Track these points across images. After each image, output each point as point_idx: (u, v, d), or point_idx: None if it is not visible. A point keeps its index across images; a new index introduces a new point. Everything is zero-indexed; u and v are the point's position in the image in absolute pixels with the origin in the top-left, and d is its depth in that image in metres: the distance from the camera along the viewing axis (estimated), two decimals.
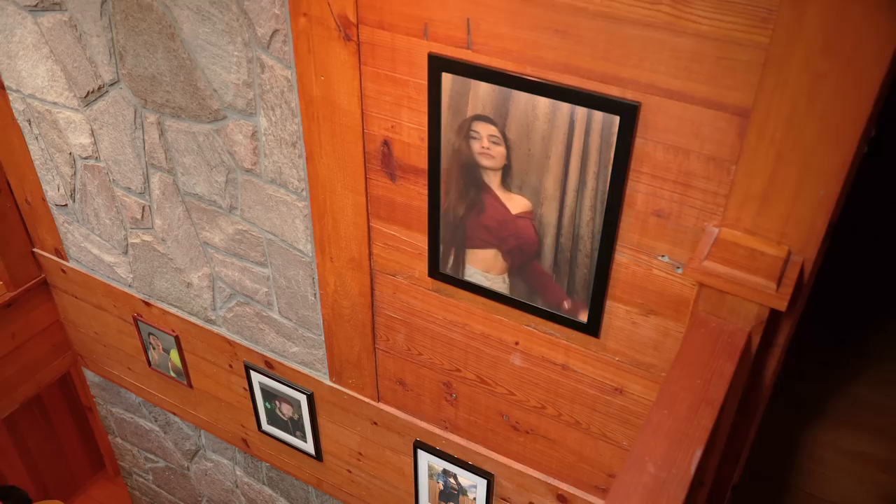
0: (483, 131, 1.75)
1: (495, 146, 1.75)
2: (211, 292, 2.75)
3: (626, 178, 1.63)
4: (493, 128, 1.73)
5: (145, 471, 4.10)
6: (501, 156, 1.76)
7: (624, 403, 2.00)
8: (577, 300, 1.87)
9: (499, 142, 1.74)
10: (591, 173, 1.67)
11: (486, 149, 1.77)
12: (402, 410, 2.53)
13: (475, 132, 1.76)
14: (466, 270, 2.01)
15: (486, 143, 1.76)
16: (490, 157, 1.78)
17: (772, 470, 2.13)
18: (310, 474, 3.08)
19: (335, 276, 2.31)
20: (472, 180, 1.84)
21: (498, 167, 1.78)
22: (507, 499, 2.48)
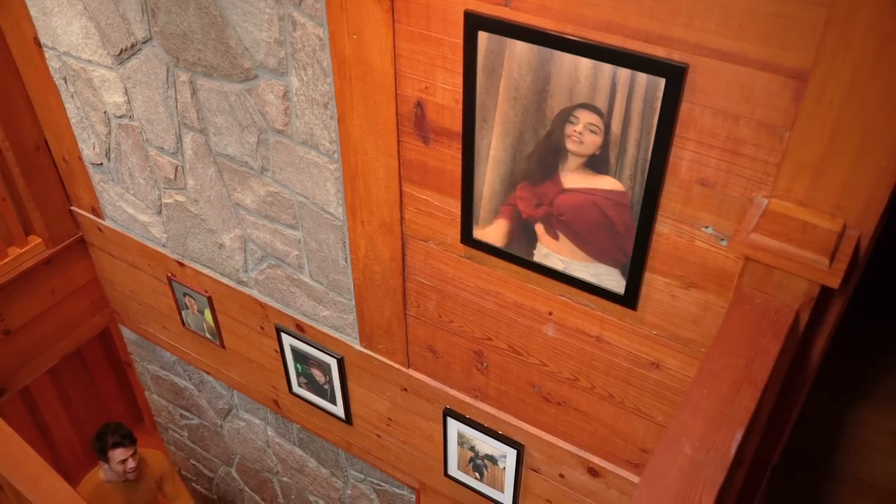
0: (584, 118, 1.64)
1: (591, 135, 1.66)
2: (243, 254, 2.74)
3: (669, 144, 1.55)
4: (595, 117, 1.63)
5: (181, 427, 4.17)
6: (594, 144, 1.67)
7: (660, 378, 1.94)
8: (614, 271, 1.80)
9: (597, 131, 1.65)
10: (633, 140, 1.59)
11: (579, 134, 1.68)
12: (432, 377, 2.51)
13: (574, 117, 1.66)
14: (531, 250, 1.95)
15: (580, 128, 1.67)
16: (580, 143, 1.68)
17: (814, 451, 2.05)
18: (339, 437, 3.09)
19: (366, 241, 2.27)
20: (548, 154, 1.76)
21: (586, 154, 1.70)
22: (537, 469, 2.45)
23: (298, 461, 3.58)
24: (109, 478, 3.57)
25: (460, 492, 2.78)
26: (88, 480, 3.65)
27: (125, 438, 3.49)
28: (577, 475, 2.35)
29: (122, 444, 3.47)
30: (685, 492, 1.14)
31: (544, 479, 2.46)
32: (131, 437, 3.54)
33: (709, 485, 1.15)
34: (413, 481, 2.96)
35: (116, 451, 3.47)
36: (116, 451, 3.47)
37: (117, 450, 3.47)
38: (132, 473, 3.56)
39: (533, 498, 2.55)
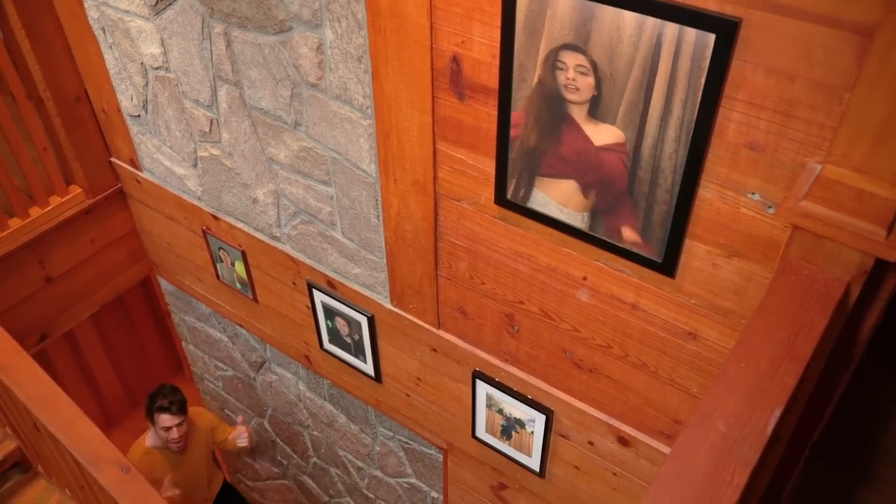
0: (570, 61, 1.59)
1: (583, 77, 1.60)
2: (276, 209, 2.72)
3: (717, 105, 1.46)
4: (581, 57, 1.57)
5: (215, 378, 4.23)
6: (589, 87, 1.60)
7: (696, 349, 1.87)
8: (654, 237, 1.73)
9: (587, 72, 1.58)
10: (678, 100, 1.50)
11: (572, 80, 1.62)
12: (463, 339, 2.47)
13: (561, 62, 1.61)
14: (536, 199, 1.89)
15: (572, 73, 1.61)
16: (576, 89, 1.62)
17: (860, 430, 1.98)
18: (369, 394, 3.09)
19: (398, 199, 2.23)
20: (552, 109, 1.69)
21: (584, 100, 1.63)
22: (565, 436, 2.42)
23: (329, 416, 3.61)
24: (156, 444, 3.47)
25: (488, 454, 2.77)
26: (136, 448, 3.55)
27: (173, 405, 3.34)
28: (607, 443, 2.31)
29: (168, 411, 3.33)
30: (716, 470, 1.09)
31: (573, 445, 2.43)
32: (181, 406, 3.38)
33: (742, 464, 1.09)
34: (441, 441, 2.96)
35: (162, 417, 3.35)
36: (162, 416, 3.35)
37: (163, 415, 3.35)
38: (176, 444, 3.43)
39: (561, 464, 2.53)
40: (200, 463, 3.71)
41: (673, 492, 1.09)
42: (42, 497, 2.85)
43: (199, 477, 3.74)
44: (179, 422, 3.38)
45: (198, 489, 3.77)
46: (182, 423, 3.41)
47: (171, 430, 3.36)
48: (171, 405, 3.34)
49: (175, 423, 3.36)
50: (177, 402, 3.35)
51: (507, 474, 2.80)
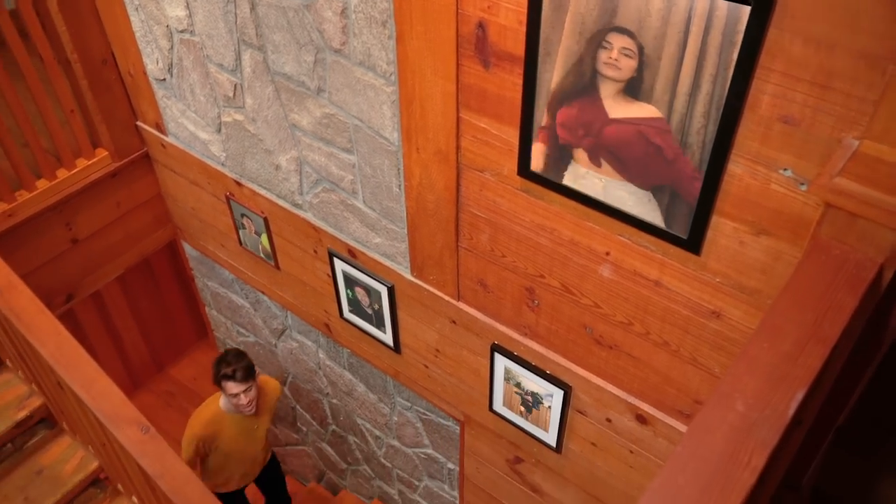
0: (617, 43, 1.54)
1: (626, 59, 1.55)
2: (298, 176, 2.70)
3: (751, 77, 1.40)
4: (629, 40, 1.52)
5: (238, 343, 4.27)
6: (630, 68, 1.56)
7: (720, 328, 1.83)
8: (679, 213, 1.68)
9: (632, 55, 1.53)
10: (708, 75, 1.45)
11: (614, 60, 1.57)
12: (482, 312, 2.45)
13: (608, 42, 1.56)
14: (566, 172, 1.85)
15: (616, 54, 1.56)
16: (617, 69, 1.57)
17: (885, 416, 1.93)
18: (388, 365, 3.09)
19: (421, 168, 2.20)
20: (584, 84, 1.64)
21: (623, 79, 1.58)
22: (583, 412, 2.40)
23: (348, 385, 3.63)
24: (227, 407, 3.37)
25: (504, 427, 2.76)
26: (208, 405, 3.46)
27: (237, 372, 3.22)
28: (625, 421, 2.28)
29: (232, 378, 3.22)
30: (733, 450, 1.06)
31: (590, 422, 2.40)
32: (247, 372, 3.25)
33: (760, 446, 1.06)
34: (458, 413, 2.96)
35: (228, 385, 3.25)
36: (228, 384, 3.24)
37: (228, 383, 3.24)
38: (247, 409, 3.32)
39: (578, 440, 2.51)
40: (264, 432, 3.65)
41: (687, 471, 1.06)
42: (67, 453, 2.89)
43: (262, 443, 3.68)
44: (246, 388, 3.27)
45: (257, 456, 3.72)
46: (249, 388, 3.28)
47: (238, 396, 3.26)
48: (236, 372, 3.22)
49: (241, 390, 3.26)
50: (241, 368, 3.23)
51: (523, 448, 2.79)
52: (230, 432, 3.43)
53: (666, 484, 1.06)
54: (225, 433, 3.42)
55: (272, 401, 3.60)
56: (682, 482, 1.05)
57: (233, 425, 3.43)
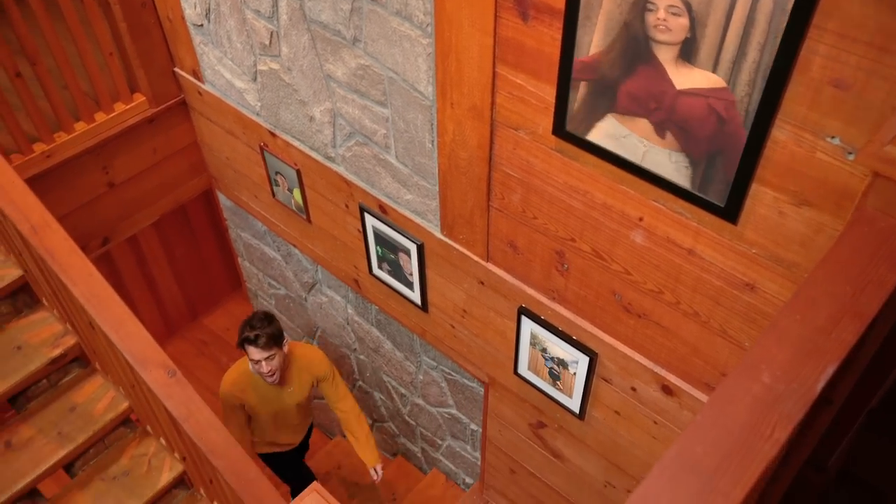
0: (661, 2, 1.47)
1: (675, 18, 1.47)
2: (332, 129, 2.68)
3: (804, 35, 1.33)
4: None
5: (269, 295, 4.31)
6: (682, 28, 1.48)
7: (753, 301, 1.78)
8: (718, 179, 1.62)
9: (680, 13, 1.46)
10: (755, 43, 1.37)
11: (662, 21, 1.49)
12: (511, 274, 2.42)
13: (652, 4, 1.48)
14: (597, 133, 1.79)
15: (663, 14, 1.48)
16: (667, 29, 1.50)
17: None
18: (415, 323, 3.09)
19: (454, 124, 2.16)
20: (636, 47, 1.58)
21: (676, 41, 1.51)
22: (608, 380, 2.37)
23: (375, 341, 3.64)
24: (253, 370, 3.23)
25: (528, 391, 2.75)
26: (236, 367, 3.34)
27: (260, 338, 3.03)
28: (650, 391, 2.25)
29: (254, 343, 3.03)
30: (756, 422, 1.02)
31: (615, 390, 2.37)
32: (271, 339, 3.05)
33: (784, 419, 1.02)
34: (483, 375, 2.95)
35: (249, 349, 3.08)
36: (249, 348, 3.08)
37: (250, 347, 3.07)
38: (268, 377, 3.16)
39: (601, 407, 2.49)
40: (294, 404, 3.43)
41: (706, 441, 1.02)
42: (98, 392, 2.96)
43: (289, 417, 3.50)
44: (268, 356, 3.08)
45: (283, 429, 3.56)
46: (271, 357, 3.09)
47: (259, 363, 3.10)
48: (258, 338, 3.03)
49: (262, 357, 3.07)
50: (265, 334, 3.02)
51: (546, 413, 2.78)
52: (254, 396, 3.33)
53: (683, 452, 1.03)
54: (250, 396, 3.33)
55: (309, 375, 3.37)
56: (700, 451, 1.02)
57: (257, 389, 3.32)
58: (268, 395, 3.34)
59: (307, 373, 3.38)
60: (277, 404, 3.39)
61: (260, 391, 3.32)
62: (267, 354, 3.08)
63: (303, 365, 3.36)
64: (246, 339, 3.06)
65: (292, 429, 3.63)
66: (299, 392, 3.40)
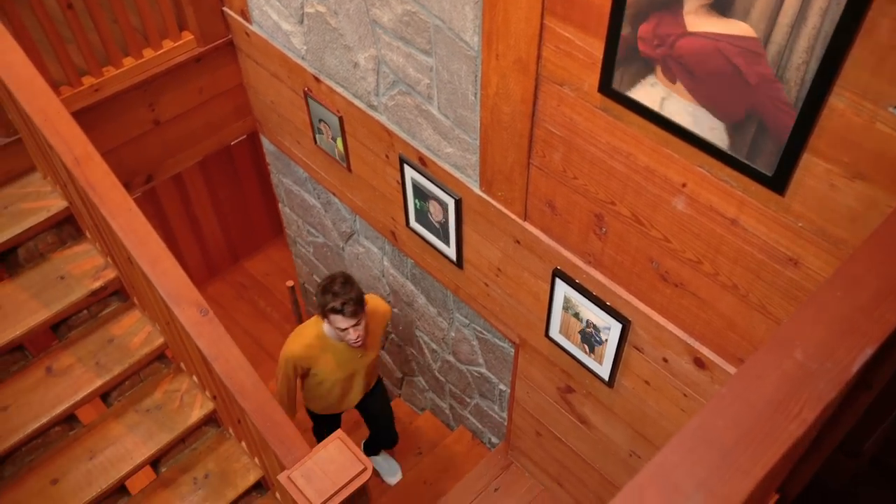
0: None
1: None
2: (375, 76, 2.64)
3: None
4: None
5: (307, 243, 4.34)
6: None
7: (795, 277, 1.71)
8: (766, 147, 1.54)
9: None
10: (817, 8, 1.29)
11: None
12: (547, 234, 2.38)
13: None
14: (640, 91, 1.72)
15: None
16: None
17: None
18: (449, 279, 3.07)
19: (498, 77, 2.10)
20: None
21: None
22: (640, 348, 2.32)
23: (409, 295, 3.64)
24: (332, 334, 3.03)
25: (558, 355, 2.72)
26: (310, 326, 3.12)
27: (346, 306, 2.81)
28: (682, 363, 2.20)
29: (341, 313, 2.83)
30: (783, 399, 0.98)
31: (646, 360, 2.33)
32: (357, 304, 2.84)
33: (814, 398, 0.97)
34: (514, 336, 2.93)
35: (336, 319, 2.88)
36: (336, 318, 2.87)
37: (336, 317, 2.87)
38: (355, 343, 2.96)
39: (631, 376, 2.45)
40: (370, 360, 3.27)
41: (728, 414, 0.98)
42: (136, 327, 3.03)
43: (361, 378, 3.34)
44: (355, 322, 2.87)
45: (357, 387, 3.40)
46: (359, 322, 2.89)
47: (346, 331, 2.90)
48: (345, 306, 2.81)
49: (351, 325, 2.87)
50: (351, 300, 2.82)
51: (575, 378, 2.75)
52: (329, 361, 3.12)
53: (703, 424, 0.99)
54: (323, 361, 3.12)
55: (381, 327, 3.24)
56: (721, 424, 0.98)
57: (334, 354, 3.11)
58: (347, 358, 3.15)
59: (378, 325, 3.21)
60: (353, 366, 3.21)
61: (339, 355, 3.12)
62: (354, 322, 2.87)
63: (375, 318, 3.16)
64: (332, 310, 2.84)
65: (360, 390, 3.43)
66: (374, 346, 3.24)
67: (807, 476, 1.67)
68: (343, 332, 2.91)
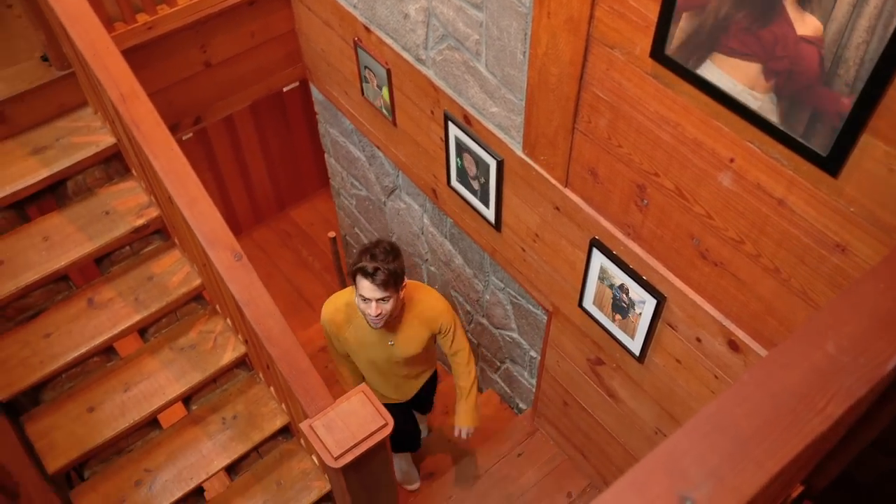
0: None
1: None
2: (425, 29, 2.58)
3: None
4: None
5: (350, 195, 4.34)
6: None
7: (841, 264, 1.62)
8: (822, 125, 1.45)
9: None
10: None
11: None
12: (588, 202, 2.31)
13: None
14: (700, 64, 1.63)
15: None
16: None
17: None
18: (487, 241, 3.04)
19: (549, 36, 2.02)
20: None
21: None
22: (673, 326, 2.26)
23: (447, 255, 3.62)
24: (360, 306, 2.64)
25: (590, 326, 2.67)
26: (342, 294, 2.85)
27: (378, 273, 2.46)
28: (716, 344, 2.13)
29: (370, 277, 2.48)
30: (809, 392, 0.93)
31: (679, 338, 2.27)
32: (392, 278, 2.49)
33: (842, 394, 0.92)
34: (547, 303, 2.89)
35: (361, 282, 2.52)
36: (362, 281, 2.51)
37: (363, 280, 2.51)
38: (373, 320, 2.60)
39: (663, 354, 2.39)
40: (401, 357, 2.88)
41: (749, 403, 0.94)
42: (175, 266, 3.08)
43: (394, 370, 3.00)
44: (381, 297, 2.52)
45: (386, 381, 3.09)
46: (386, 299, 2.54)
47: (368, 302, 2.54)
48: (376, 272, 2.47)
49: (374, 297, 2.52)
50: (385, 270, 2.47)
51: (606, 351, 2.71)
52: (352, 336, 2.83)
53: (720, 410, 0.95)
54: (348, 333, 2.84)
55: (426, 328, 2.82)
56: (740, 413, 0.94)
57: (356, 330, 2.81)
58: (367, 339, 2.82)
59: (424, 325, 2.81)
60: (376, 352, 2.87)
61: (358, 332, 2.81)
62: (381, 295, 2.52)
63: (420, 313, 2.80)
64: (361, 270, 2.50)
65: (395, 383, 3.10)
66: (408, 345, 2.84)
67: (836, 471, 1.61)
68: (364, 304, 2.57)
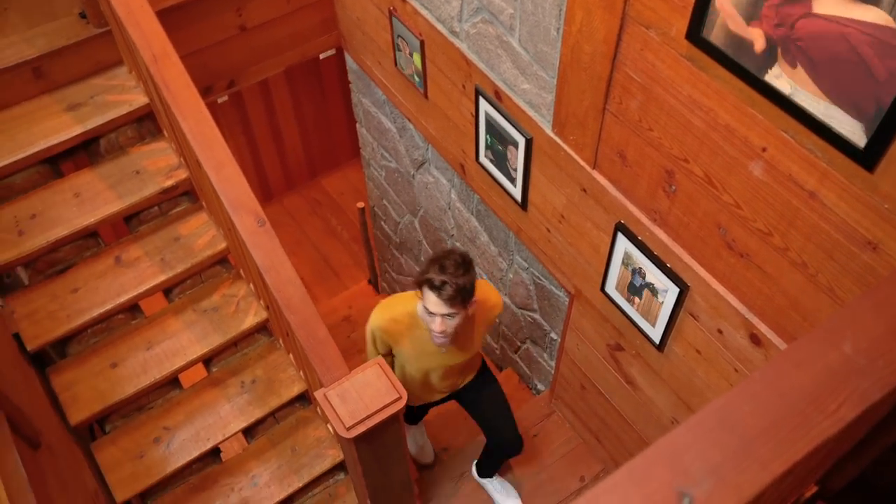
0: None
1: None
2: (460, 1, 2.54)
3: None
4: None
5: (380, 166, 4.33)
6: None
7: (872, 263, 1.57)
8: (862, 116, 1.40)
9: None
10: None
11: None
12: (615, 185, 2.27)
13: None
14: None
15: None
16: None
17: None
18: (512, 219, 3.01)
19: (584, 13, 1.97)
20: None
21: None
22: (695, 316, 2.22)
23: (472, 231, 3.60)
24: (422, 315, 2.44)
25: (611, 311, 2.64)
26: (403, 301, 2.59)
27: (447, 287, 2.24)
28: (738, 337, 2.09)
29: (438, 291, 2.26)
30: (820, 394, 0.90)
31: (700, 328, 2.23)
32: (461, 294, 2.27)
33: (856, 396, 0.89)
34: (570, 285, 2.86)
35: (428, 295, 2.31)
36: (429, 294, 2.30)
37: (430, 294, 2.29)
38: (437, 338, 2.41)
39: (683, 343, 2.35)
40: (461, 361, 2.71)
41: (757, 401, 0.91)
42: (202, 228, 3.11)
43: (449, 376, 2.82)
44: (447, 313, 2.31)
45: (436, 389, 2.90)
46: (452, 315, 2.32)
47: (434, 318, 2.34)
48: (444, 286, 2.25)
49: (440, 312, 2.31)
50: (455, 285, 2.24)
51: (626, 337, 2.68)
52: (410, 347, 2.61)
53: (727, 407, 0.92)
54: (404, 342, 2.60)
55: (485, 325, 2.69)
56: (747, 410, 0.91)
57: (416, 341, 2.58)
58: (427, 351, 2.61)
59: (483, 323, 2.66)
60: (430, 363, 2.68)
61: (418, 345, 2.58)
62: (446, 311, 2.31)
63: (482, 312, 2.61)
64: (429, 282, 2.28)
65: (450, 385, 2.92)
66: (471, 347, 2.67)
67: (853, 473, 1.57)
68: (430, 319, 2.36)
